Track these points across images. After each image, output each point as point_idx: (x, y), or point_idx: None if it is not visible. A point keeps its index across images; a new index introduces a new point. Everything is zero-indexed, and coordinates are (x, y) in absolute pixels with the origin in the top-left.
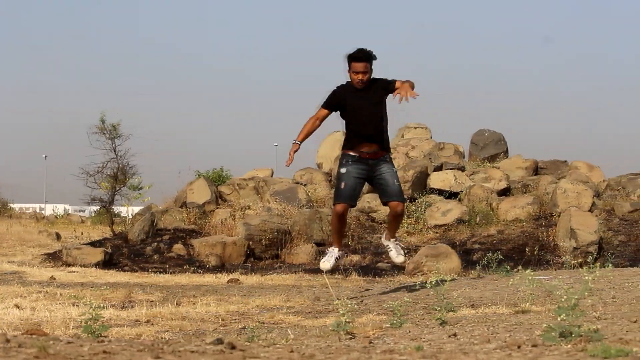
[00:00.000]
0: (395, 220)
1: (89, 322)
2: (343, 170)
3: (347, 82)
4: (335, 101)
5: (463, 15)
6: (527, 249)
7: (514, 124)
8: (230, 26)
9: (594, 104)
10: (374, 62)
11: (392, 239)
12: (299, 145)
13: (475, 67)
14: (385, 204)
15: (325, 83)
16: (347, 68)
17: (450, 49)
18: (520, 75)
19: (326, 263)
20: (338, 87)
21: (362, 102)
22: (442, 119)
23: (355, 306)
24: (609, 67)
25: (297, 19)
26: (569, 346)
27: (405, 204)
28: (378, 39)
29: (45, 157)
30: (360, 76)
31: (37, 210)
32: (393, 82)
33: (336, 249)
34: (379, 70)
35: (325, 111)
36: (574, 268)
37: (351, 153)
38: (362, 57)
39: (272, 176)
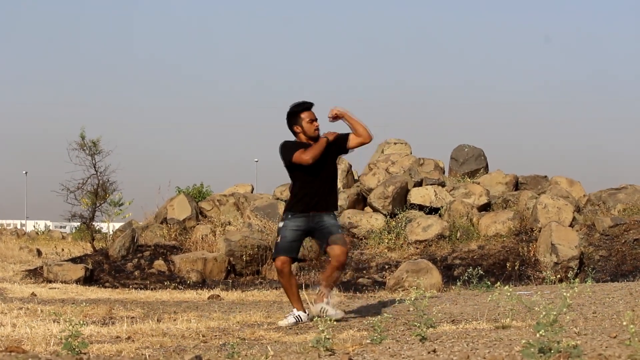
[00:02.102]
0: (333, 272)
1: (69, 339)
2: (280, 224)
3: (294, 140)
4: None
5: (442, 31)
6: (508, 265)
7: (494, 139)
8: (211, 40)
9: (574, 119)
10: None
11: (324, 300)
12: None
13: (455, 83)
14: (325, 251)
15: (306, 98)
16: (294, 123)
17: (429, 64)
18: (500, 90)
19: (283, 321)
20: (287, 143)
21: (316, 163)
22: (422, 134)
23: (335, 322)
24: (589, 82)
25: (277, 33)
26: None
27: (348, 254)
28: (356, 53)
29: (26, 173)
30: (316, 123)
31: (18, 227)
32: (347, 135)
33: (295, 310)
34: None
35: None
36: (555, 283)
37: (292, 210)
38: (311, 105)
39: (252, 192)
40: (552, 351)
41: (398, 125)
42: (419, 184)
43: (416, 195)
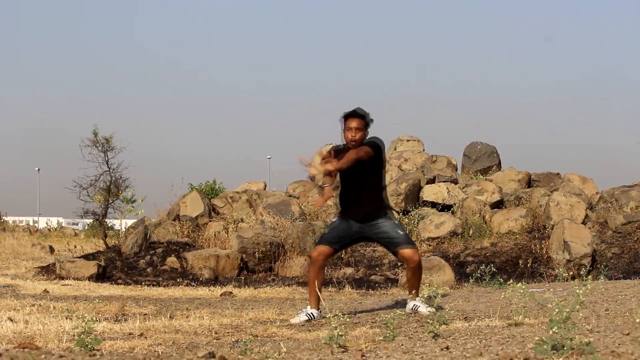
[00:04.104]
0: (414, 275)
1: (81, 336)
2: (335, 219)
3: (341, 146)
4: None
5: (456, 28)
6: (520, 262)
7: (506, 137)
8: (223, 38)
9: (587, 117)
10: (370, 124)
11: (417, 297)
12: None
13: (467, 80)
14: (395, 254)
15: (318, 97)
16: (342, 127)
17: (443, 61)
18: (513, 87)
19: (295, 318)
20: (333, 147)
21: (355, 169)
22: (435, 131)
23: (348, 319)
24: (602, 79)
25: (290, 30)
26: (561, 359)
27: (419, 252)
28: (372, 50)
29: (39, 170)
30: (352, 132)
31: (31, 223)
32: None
33: (308, 307)
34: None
35: None
36: (567, 280)
37: (343, 215)
38: (355, 114)
39: (265, 189)
40: (565, 348)
41: (411, 122)
42: (431, 181)
43: (429, 193)
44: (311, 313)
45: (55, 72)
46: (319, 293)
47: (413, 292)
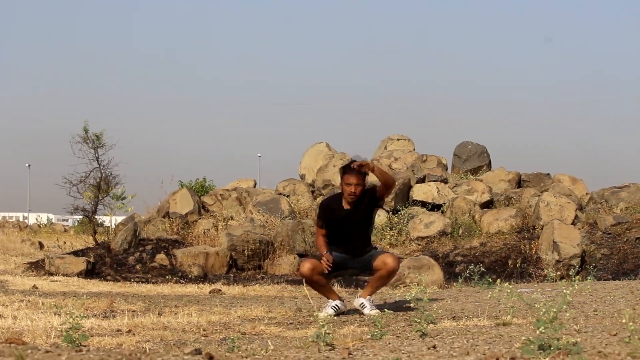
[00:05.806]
0: (383, 279)
1: (69, 332)
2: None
3: (336, 195)
4: (328, 218)
5: (448, 29)
6: (509, 262)
7: (497, 137)
8: (215, 35)
9: (578, 118)
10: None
11: (368, 297)
12: (330, 253)
13: (458, 80)
14: (374, 268)
15: (309, 95)
16: (342, 180)
17: (433, 61)
18: (504, 87)
19: (322, 312)
20: (326, 202)
21: (349, 221)
22: (425, 131)
23: (336, 317)
24: (593, 80)
25: (283, 29)
26: (548, 359)
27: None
28: (363, 50)
29: (29, 165)
30: (352, 188)
31: (21, 219)
32: (375, 188)
33: (331, 300)
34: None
35: (324, 230)
36: (556, 281)
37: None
38: (355, 170)
39: (255, 187)
40: (552, 348)
41: (401, 121)
42: (421, 180)
43: (419, 192)
44: (335, 305)
45: (46, 68)
46: (330, 288)
47: (368, 292)
